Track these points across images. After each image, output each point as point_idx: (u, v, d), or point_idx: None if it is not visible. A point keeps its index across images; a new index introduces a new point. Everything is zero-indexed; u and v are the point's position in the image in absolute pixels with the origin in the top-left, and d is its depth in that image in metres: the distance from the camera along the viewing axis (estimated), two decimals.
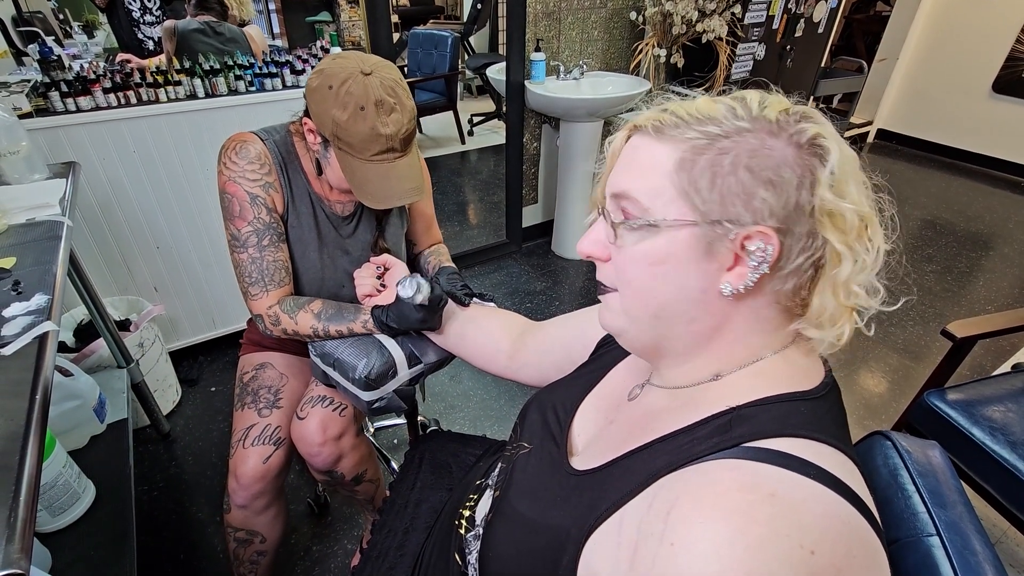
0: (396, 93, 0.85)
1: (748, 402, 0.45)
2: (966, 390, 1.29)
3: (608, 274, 0.51)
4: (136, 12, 1.77)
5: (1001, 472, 1.13)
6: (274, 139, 0.96)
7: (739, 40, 2.47)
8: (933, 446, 0.61)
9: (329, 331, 0.94)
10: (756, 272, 0.43)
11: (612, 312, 0.52)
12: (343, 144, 0.85)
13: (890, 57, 4.01)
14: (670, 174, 0.44)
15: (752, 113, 0.44)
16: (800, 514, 0.35)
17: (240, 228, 0.92)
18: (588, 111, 2.26)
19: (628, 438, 0.52)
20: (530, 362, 0.82)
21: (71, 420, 1.23)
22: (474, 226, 3.15)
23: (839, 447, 0.41)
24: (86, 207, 1.55)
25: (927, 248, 2.83)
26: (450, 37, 3.72)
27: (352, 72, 0.82)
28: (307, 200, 0.99)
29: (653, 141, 0.46)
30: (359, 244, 1.07)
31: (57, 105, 1.44)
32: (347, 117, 0.82)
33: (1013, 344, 2.12)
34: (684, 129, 0.44)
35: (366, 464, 1.08)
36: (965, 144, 3.96)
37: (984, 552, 0.50)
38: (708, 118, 0.44)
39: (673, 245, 0.45)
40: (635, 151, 0.48)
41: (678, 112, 0.46)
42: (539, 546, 0.51)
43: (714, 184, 0.43)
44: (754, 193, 0.42)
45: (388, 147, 0.86)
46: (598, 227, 0.51)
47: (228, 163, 0.91)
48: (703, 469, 0.41)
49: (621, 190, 0.48)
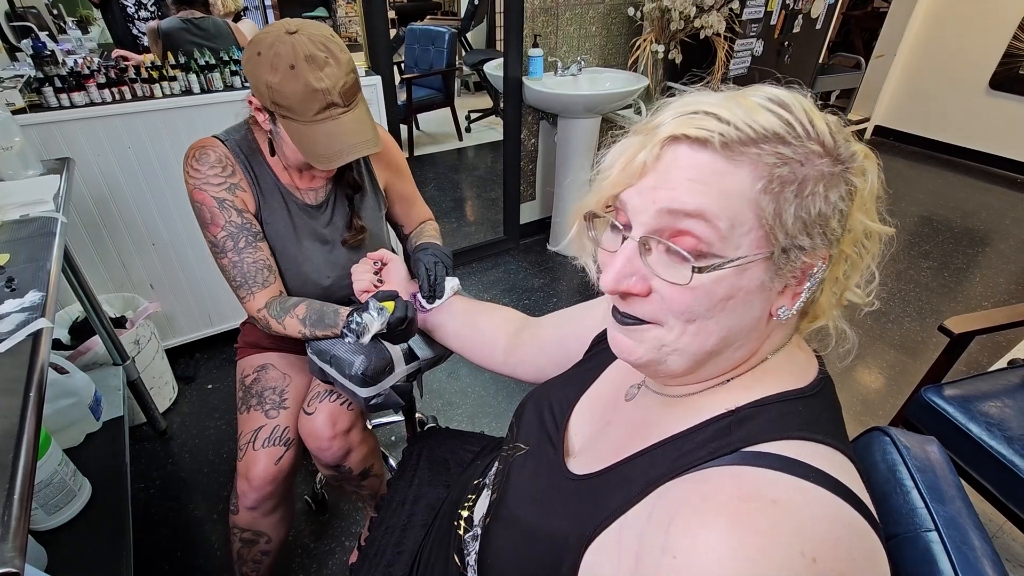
0: (327, 47, 0.82)
1: (746, 404, 0.45)
2: (963, 386, 1.29)
3: (648, 309, 0.44)
4: (131, 7, 1.76)
5: (997, 467, 1.14)
6: (235, 139, 0.95)
7: (737, 36, 2.46)
8: (931, 442, 0.61)
9: (316, 335, 0.94)
10: (809, 292, 0.43)
11: (646, 347, 0.45)
12: (283, 110, 0.83)
13: (887, 53, 4.00)
14: (751, 204, 0.39)
15: (809, 129, 0.41)
16: (802, 521, 0.35)
17: (216, 234, 0.92)
18: (586, 107, 2.25)
19: (627, 442, 0.51)
20: (527, 359, 0.82)
21: (67, 418, 1.22)
22: (472, 222, 3.14)
23: (837, 446, 0.41)
24: (81, 203, 1.54)
25: (924, 244, 2.84)
26: (447, 33, 3.71)
27: (278, 34, 0.80)
28: (277, 194, 0.98)
29: (719, 159, 0.40)
30: (336, 232, 1.05)
31: (51, 101, 1.43)
32: (279, 79, 0.79)
33: (1010, 340, 2.13)
34: (755, 148, 0.39)
35: (373, 458, 1.08)
36: (962, 141, 3.96)
37: (982, 547, 0.50)
38: (772, 134, 0.40)
39: (743, 279, 0.41)
40: (690, 169, 0.40)
41: (734, 121, 0.39)
42: (538, 552, 0.51)
43: (798, 215, 0.40)
44: (828, 222, 0.41)
45: (328, 102, 0.82)
46: (628, 255, 0.43)
47: (191, 171, 0.91)
48: (703, 477, 0.41)
49: (693, 209, 0.39)
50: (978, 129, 3.85)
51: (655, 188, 0.41)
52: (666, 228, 0.41)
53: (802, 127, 0.40)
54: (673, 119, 0.41)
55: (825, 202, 0.40)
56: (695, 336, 0.43)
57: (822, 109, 0.44)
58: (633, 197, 0.42)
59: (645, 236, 0.42)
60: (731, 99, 0.41)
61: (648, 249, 0.42)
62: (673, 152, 0.41)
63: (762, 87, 0.43)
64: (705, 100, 0.42)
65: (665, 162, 0.41)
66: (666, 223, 0.41)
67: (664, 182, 0.41)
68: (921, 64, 3.98)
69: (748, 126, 0.39)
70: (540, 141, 2.59)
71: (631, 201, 0.43)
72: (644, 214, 0.42)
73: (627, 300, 0.45)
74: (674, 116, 0.42)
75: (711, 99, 0.42)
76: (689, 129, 0.40)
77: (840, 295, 0.47)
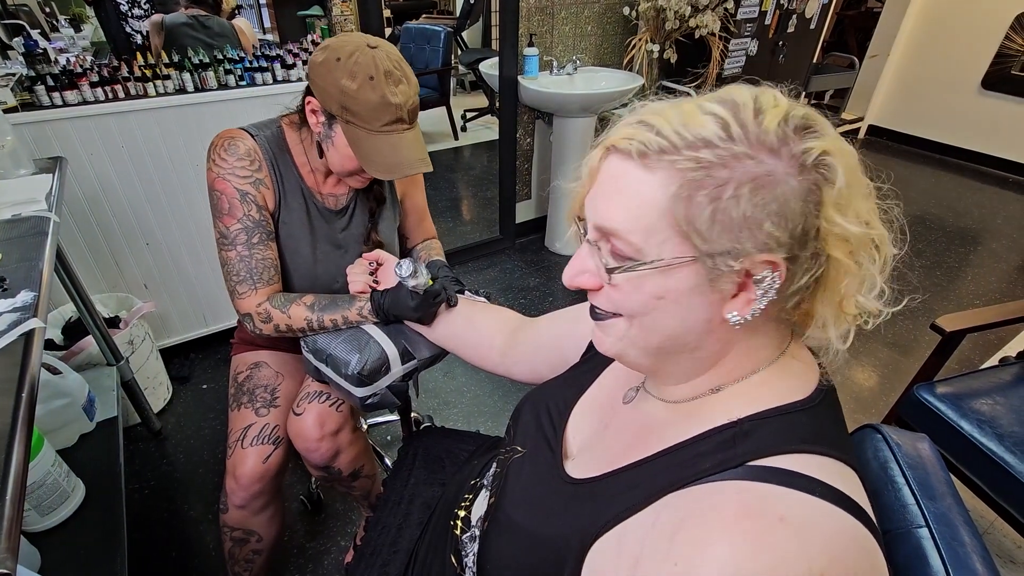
0: (401, 67, 0.87)
1: (749, 415, 0.45)
2: (955, 383, 1.30)
3: (603, 300, 0.47)
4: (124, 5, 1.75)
5: (989, 464, 1.15)
6: (265, 135, 0.95)
7: (732, 36, 2.47)
8: (922, 439, 0.62)
9: (323, 321, 0.93)
10: (763, 300, 0.41)
11: (612, 338, 0.49)
12: (351, 115, 0.85)
13: (881, 53, 4.03)
14: (664, 212, 0.40)
15: (748, 129, 0.39)
16: (809, 537, 0.35)
17: (229, 225, 0.91)
18: (581, 106, 2.25)
19: (628, 448, 0.51)
20: (523, 359, 0.82)
21: (60, 418, 1.21)
22: (467, 222, 3.14)
23: (840, 457, 0.41)
24: (73, 203, 1.53)
25: (917, 243, 2.85)
26: (443, 32, 3.70)
27: (359, 45, 0.84)
28: (299, 195, 0.99)
29: (637, 168, 0.41)
30: (352, 238, 1.06)
31: (43, 99, 1.42)
32: (357, 86, 0.83)
33: (1001, 338, 2.15)
34: (673, 155, 0.39)
35: (363, 459, 1.08)
36: (955, 140, 3.99)
37: (972, 543, 0.51)
38: (699, 139, 0.39)
39: (671, 280, 0.42)
40: (616, 180, 0.42)
41: (663, 130, 0.40)
42: (539, 557, 0.51)
43: (714, 220, 0.39)
44: (759, 226, 0.38)
45: (397, 117, 0.87)
46: (583, 255, 0.47)
47: (217, 160, 0.90)
48: (709, 490, 0.41)
49: (609, 227, 0.43)
50: (971, 128, 3.88)
51: (595, 198, 0.45)
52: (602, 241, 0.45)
53: (739, 128, 0.39)
54: (617, 129, 0.43)
55: (751, 205, 0.38)
56: (640, 330, 0.46)
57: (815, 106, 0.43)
58: (588, 204, 0.46)
59: (593, 239, 0.46)
60: (675, 107, 0.42)
61: (599, 248, 0.45)
62: (608, 162, 0.44)
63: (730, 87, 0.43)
64: (651, 109, 0.43)
65: (603, 172, 0.44)
66: (598, 235, 0.45)
67: (600, 193, 0.44)
68: (914, 64, 4.00)
69: (676, 133, 0.40)
70: (536, 140, 2.59)
71: (587, 207, 0.46)
72: (590, 220, 0.46)
73: (592, 295, 0.49)
74: (621, 126, 0.44)
75: (657, 107, 0.43)
76: (618, 140, 0.42)
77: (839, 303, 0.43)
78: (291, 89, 1.69)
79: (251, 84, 1.66)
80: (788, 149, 0.39)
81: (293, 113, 0.99)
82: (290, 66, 1.71)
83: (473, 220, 3.15)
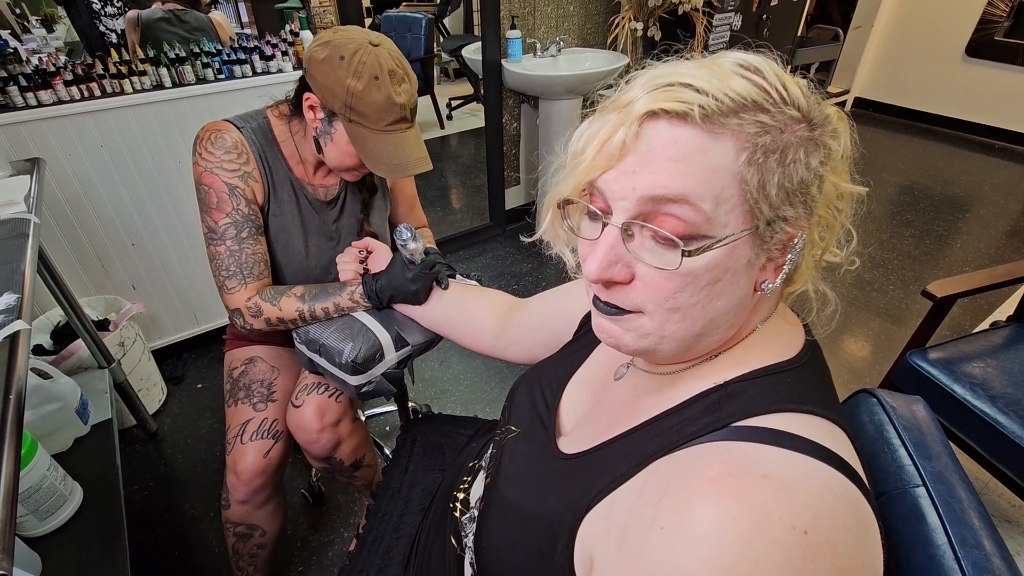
0: (403, 66, 0.86)
1: (735, 377, 0.45)
2: (947, 348, 1.31)
3: (631, 296, 0.42)
4: (96, 4, 1.70)
5: (982, 426, 1.16)
6: (251, 126, 0.93)
7: (715, 10, 2.45)
8: (917, 400, 0.62)
9: (315, 310, 0.93)
10: (791, 264, 0.42)
11: (633, 335, 0.44)
12: (355, 115, 0.84)
13: (865, 24, 4.01)
14: (736, 176, 0.37)
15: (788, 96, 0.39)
16: (793, 494, 0.35)
17: (218, 220, 0.90)
18: (567, 88, 2.23)
19: (617, 420, 0.51)
20: (516, 340, 0.82)
21: (53, 423, 1.20)
22: (457, 210, 3.12)
23: (827, 415, 0.41)
24: (55, 205, 1.50)
25: (906, 213, 2.87)
26: (424, 19, 3.65)
27: (362, 43, 0.83)
28: (288, 187, 0.97)
29: (700, 133, 0.37)
30: (344, 229, 1.05)
31: (17, 100, 1.38)
32: (363, 87, 0.82)
33: (991, 303, 2.17)
34: (735, 119, 0.37)
35: (364, 449, 1.08)
36: (940, 109, 3.99)
37: (968, 499, 0.51)
38: (753, 103, 0.38)
39: (730, 259, 0.39)
40: (671, 147, 0.38)
41: (714, 93, 0.37)
42: (534, 534, 0.51)
43: (781, 185, 0.38)
44: (807, 189, 0.39)
45: (401, 116, 0.87)
46: (608, 243, 0.41)
47: (204, 153, 0.89)
48: (694, 453, 0.41)
49: (672, 194, 0.37)
50: (956, 97, 3.88)
51: (635, 173, 0.39)
52: (649, 213, 0.39)
53: (777, 93, 0.39)
54: (647, 93, 0.39)
55: (807, 169, 0.39)
56: (680, 323, 0.41)
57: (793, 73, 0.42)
58: (611, 183, 0.40)
59: (627, 222, 0.40)
60: (704, 67, 0.39)
61: (631, 235, 0.40)
62: (652, 129, 0.38)
63: (731, 53, 0.42)
64: (678, 70, 0.39)
65: (645, 141, 0.38)
66: (649, 208, 0.39)
67: (645, 165, 0.38)
68: (898, 34, 3.99)
69: (726, 95, 0.37)
70: (522, 125, 2.57)
71: (610, 187, 0.40)
72: (625, 200, 0.39)
73: (610, 288, 0.43)
74: (648, 90, 0.39)
75: (684, 68, 0.40)
76: (667, 103, 0.37)
77: (819, 258, 0.46)
78: (271, 81, 1.66)
79: (230, 77, 1.63)
80: (813, 115, 0.40)
81: (280, 104, 0.97)
82: (268, 57, 1.68)
83: (463, 208, 3.14)
